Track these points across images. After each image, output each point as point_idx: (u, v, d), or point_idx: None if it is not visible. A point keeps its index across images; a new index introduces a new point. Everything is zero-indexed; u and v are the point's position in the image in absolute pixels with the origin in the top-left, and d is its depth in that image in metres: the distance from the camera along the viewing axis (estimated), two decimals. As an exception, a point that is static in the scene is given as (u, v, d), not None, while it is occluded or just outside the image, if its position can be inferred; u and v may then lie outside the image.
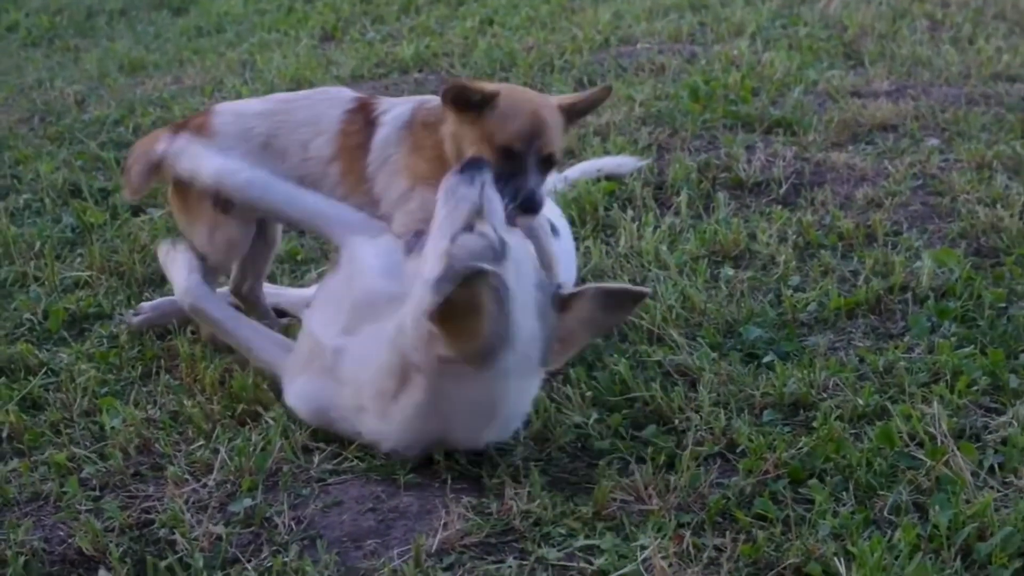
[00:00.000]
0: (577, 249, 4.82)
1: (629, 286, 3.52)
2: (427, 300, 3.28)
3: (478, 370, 3.33)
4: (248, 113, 4.21)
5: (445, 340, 3.28)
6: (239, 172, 3.95)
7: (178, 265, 4.15)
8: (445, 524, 3.22)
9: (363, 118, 4.05)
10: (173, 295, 4.28)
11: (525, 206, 3.75)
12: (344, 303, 3.75)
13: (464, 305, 3.22)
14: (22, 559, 3.18)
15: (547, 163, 3.83)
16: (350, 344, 3.62)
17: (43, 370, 4.22)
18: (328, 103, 4.15)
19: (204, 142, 4.08)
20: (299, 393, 3.73)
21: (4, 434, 3.85)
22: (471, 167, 3.59)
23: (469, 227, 3.44)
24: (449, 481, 3.43)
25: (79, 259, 5.15)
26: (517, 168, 3.75)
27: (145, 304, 4.58)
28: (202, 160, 3.98)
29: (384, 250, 3.84)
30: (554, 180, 5.32)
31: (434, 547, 3.14)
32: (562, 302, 3.52)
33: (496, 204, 3.54)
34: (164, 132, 4.25)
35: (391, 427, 3.49)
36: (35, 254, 5.20)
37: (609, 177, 5.49)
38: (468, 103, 3.78)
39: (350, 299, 3.74)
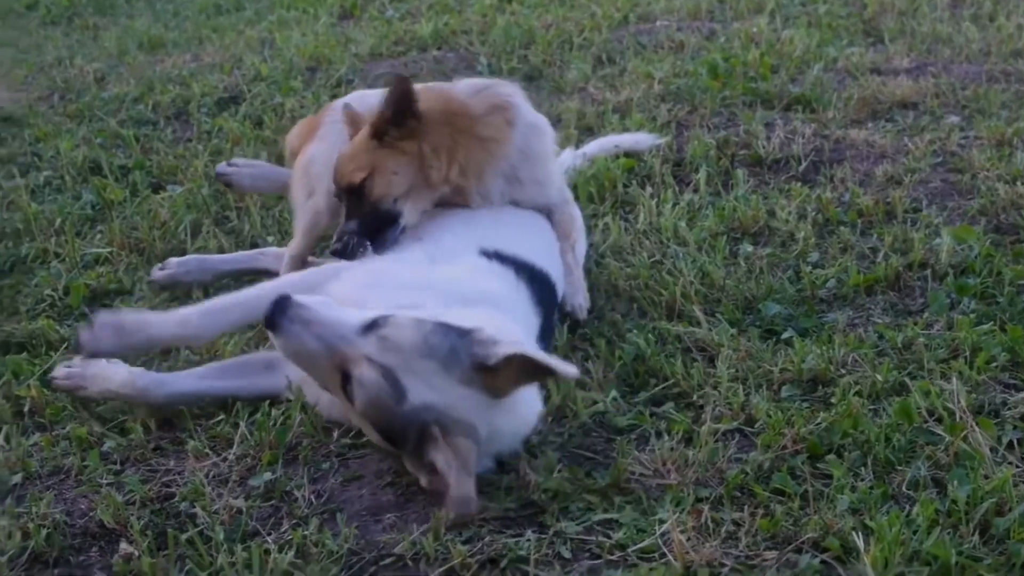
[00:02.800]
0: (596, 226, 4.83)
1: (557, 366, 3.31)
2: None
3: None
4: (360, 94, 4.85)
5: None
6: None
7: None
8: (464, 498, 3.23)
9: None
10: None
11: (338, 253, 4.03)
12: None
13: None
14: (44, 532, 3.20)
15: (352, 193, 4.08)
16: None
17: (64, 345, 4.24)
18: None
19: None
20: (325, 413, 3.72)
21: (26, 409, 3.86)
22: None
23: None
24: (468, 456, 3.44)
25: (99, 235, 5.17)
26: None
27: (173, 259, 4.66)
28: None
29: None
30: (571, 155, 5.34)
31: (453, 522, 3.15)
32: (485, 369, 3.22)
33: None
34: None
35: None
36: (56, 231, 5.22)
37: (628, 154, 5.48)
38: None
39: None
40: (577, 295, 4.18)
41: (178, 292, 4.58)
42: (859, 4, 7.88)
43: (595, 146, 5.51)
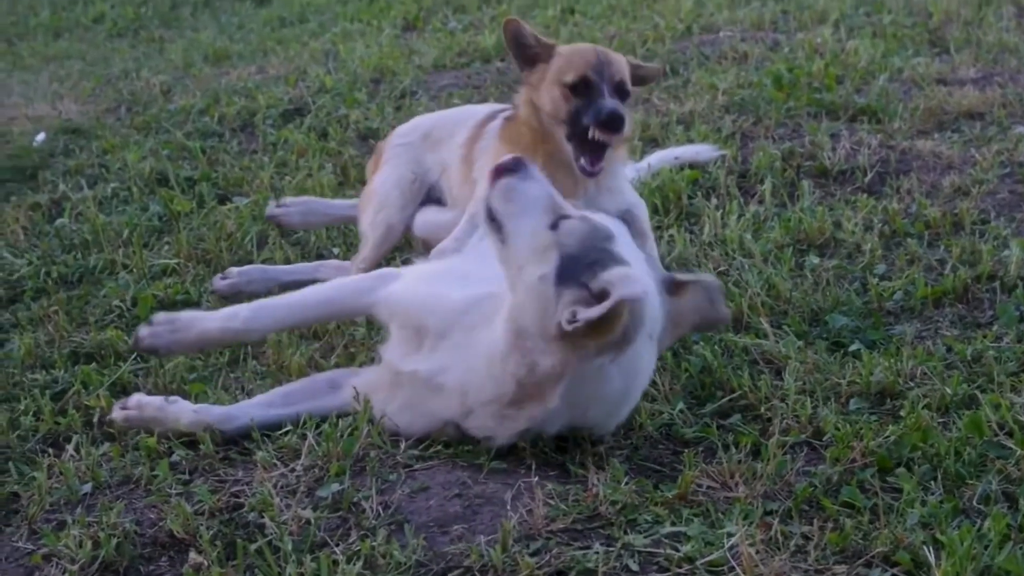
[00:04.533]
0: (661, 237, 4.82)
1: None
2: (561, 315, 3.26)
3: (614, 358, 3.34)
4: (421, 118, 5.11)
5: (583, 341, 3.28)
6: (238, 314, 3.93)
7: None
8: (531, 510, 3.23)
9: (485, 122, 4.59)
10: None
11: (606, 123, 4.14)
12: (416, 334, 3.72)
13: (607, 317, 3.22)
14: (115, 541, 3.22)
15: (620, 91, 4.24)
16: (442, 359, 3.62)
17: (133, 356, 4.28)
18: (471, 112, 4.84)
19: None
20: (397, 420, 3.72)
21: (95, 419, 3.90)
22: (514, 166, 3.57)
23: (556, 218, 3.43)
24: (534, 467, 3.44)
25: (166, 247, 5.22)
26: (592, 96, 4.20)
27: (234, 269, 4.71)
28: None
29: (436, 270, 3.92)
30: (633, 168, 5.34)
31: (520, 532, 3.15)
32: (674, 285, 3.56)
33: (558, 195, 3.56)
34: None
35: (516, 423, 3.49)
36: (123, 242, 5.27)
37: (692, 165, 5.47)
38: (528, 53, 4.37)
39: (425, 326, 3.69)
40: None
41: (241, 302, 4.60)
42: (924, 14, 7.83)
43: (656, 158, 5.50)
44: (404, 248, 4.87)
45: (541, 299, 3.32)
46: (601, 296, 3.22)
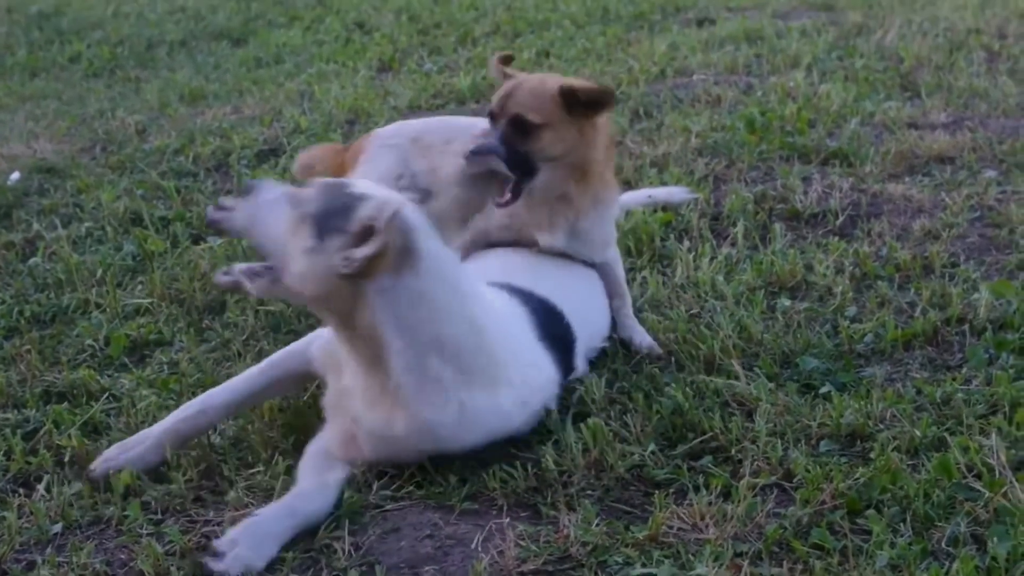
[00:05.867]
0: (634, 279, 4.84)
1: None
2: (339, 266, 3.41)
3: (412, 269, 3.47)
4: (405, 123, 5.11)
5: (372, 275, 3.42)
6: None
7: None
8: (502, 551, 3.23)
9: None
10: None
11: (470, 157, 4.08)
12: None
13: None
14: (85, 581, 3.23)
15: (516, 125, 4.11)
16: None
17: (105, 395, 4.28)
18: (468, 123, 4.78)
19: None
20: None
21: (67, 458, 3.89)
22: (244, 191, 3.72)
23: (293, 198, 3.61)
24: (505, 508, 3.46)
25: (140, 287, 5.21)
26: (492, 131, 4.16)
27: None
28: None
29: None
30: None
31: (491, 574, 3.16)
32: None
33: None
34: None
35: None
36: (97, 281, 5.27)
37: (665, 208, 5.50)
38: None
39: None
40: (646, 337, 4.36)
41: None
42: (896, 59, 7.90)
43: (628, 198, 5.53)
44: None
45: (319, 267, 3.43)
46: (365, 232, 3.36)
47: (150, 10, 12.21)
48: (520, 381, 3.70)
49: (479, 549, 3.27)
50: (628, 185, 5.88)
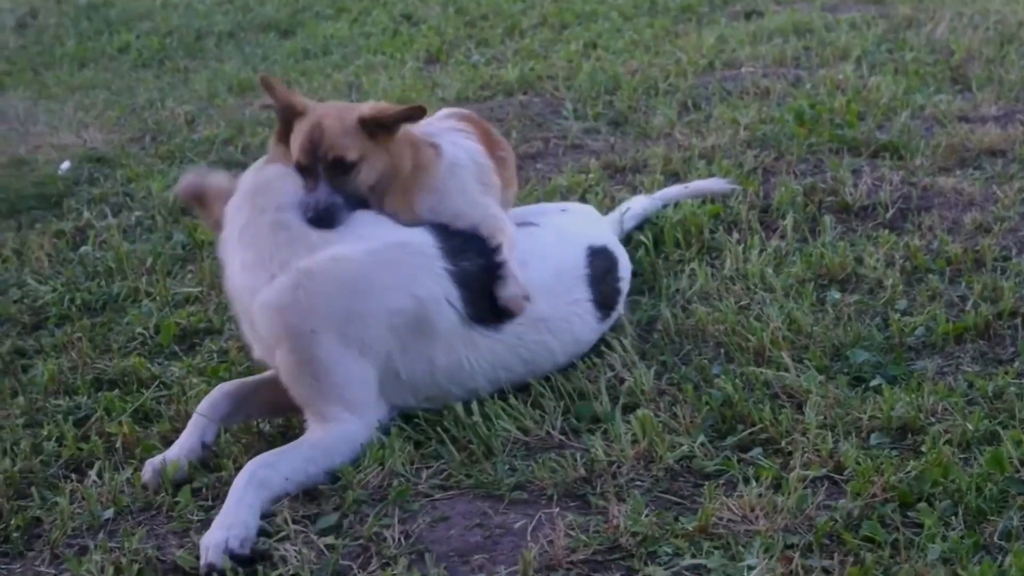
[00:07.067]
0: (682, 271, 4.83)
1: None
2: None
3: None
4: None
5: None
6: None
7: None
8: (551, 541, 3.24)
9: None
10: None
11: (315, 221, 3.91)
12: None
13: None
14: (136, 567, 3.25)
15: (336, 168, 3.99)
16: None
17: (155, 383, 4.32)
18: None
19: None
20: None
21: (118, 444, 3.93)
22: None
23: None
24: (555, 498, 3.46)
25: (190, 275, 5.25)
26: (309, 184, 3.97)
27: None
28: None
29: None
30: (647, 201, 5.36)
31: (541, 563, 3.16)
32: None
33: None
34: None
35: None
36: (147, 270, 5.31)
37: (713, 200, 5.49)
38: (283, 121, 4.13)
39: None
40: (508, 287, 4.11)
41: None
42: (946, 51, 7.83)
43: (669, 192, 5.52)
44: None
45: None
46: None
47: (198, 1, 12.23)
48: None
49: (528, 538, 3.27)
50: (676, 177, 5.87)
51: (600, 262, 4.42)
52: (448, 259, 3.96)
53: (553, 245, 4.38)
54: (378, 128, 4.04)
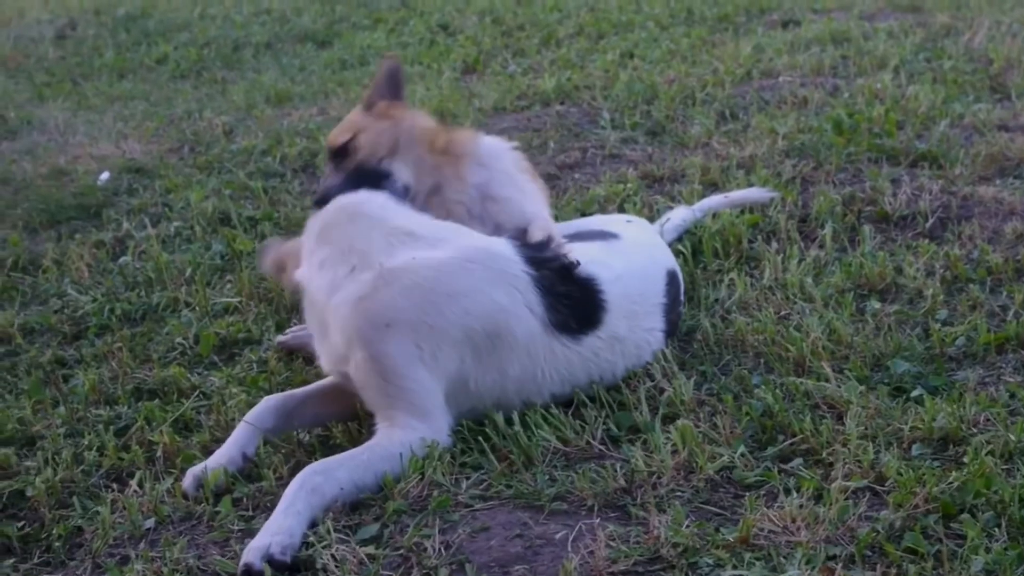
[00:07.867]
0: (721, 281, 4.82)
1: None
2: None
3: None
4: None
5: None
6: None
7: None
8: (592, 551, 3.23)
9: None
10: None
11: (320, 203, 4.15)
12: None
13: None
14: (177, 576, 3.26)
15: (339, 156, 4.31)
16: None
17: (195, 393, 4.33)
18: None
19: None
20: None
21: (158, 454, 3.95)
22: None
23: None
24: (595, 508, 3.45)
25: (229, 285, 5.27)
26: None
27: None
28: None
29: None
30: (687, 212, 5.35)
31: (582, 574, 3.16)
32: None
33: None
34: None
35: None
36: (186, 280, 5.34)
37: (752, 209, 5.47)
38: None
39: None
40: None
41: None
42: (985, 60, 7.80)
43: (709, 203, 5.51)
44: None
45: None
46: None
47: (236, 12, 12.28)
48: None
49: (569, 549, 3.27)
50: (714, 187, 5.86)
51: (673, 288, 4.44)
52: (530, 265, 3.95)
53: (640, 265, 4.38)
54: (368, 104, 4.39)
